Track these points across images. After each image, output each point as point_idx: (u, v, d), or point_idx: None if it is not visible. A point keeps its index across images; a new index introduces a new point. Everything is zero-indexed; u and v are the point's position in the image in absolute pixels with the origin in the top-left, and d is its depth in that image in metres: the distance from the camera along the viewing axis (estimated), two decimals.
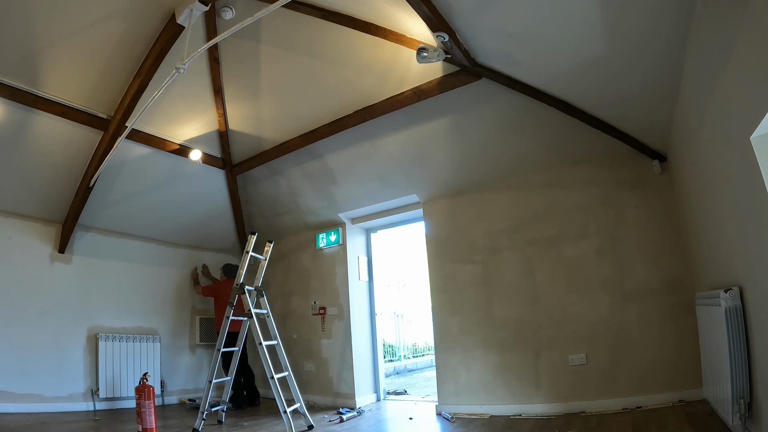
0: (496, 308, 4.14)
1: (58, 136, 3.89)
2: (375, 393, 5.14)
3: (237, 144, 4.85)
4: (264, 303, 4.17)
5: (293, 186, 5.18)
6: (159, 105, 3.96)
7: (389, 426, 3.98)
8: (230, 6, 3.41)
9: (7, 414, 3.88)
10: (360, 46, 3.45)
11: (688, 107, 2.76)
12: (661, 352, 3.44)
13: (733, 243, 2.34)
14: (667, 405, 3.31)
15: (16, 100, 3.45)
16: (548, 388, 3.77)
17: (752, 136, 1.79)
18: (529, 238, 4.07)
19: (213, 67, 4.01)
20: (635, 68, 2.85)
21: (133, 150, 4.31)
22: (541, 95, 3.30)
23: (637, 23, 2.51)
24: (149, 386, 3.50)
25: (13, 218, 4.37)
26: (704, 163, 2.62)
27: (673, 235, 3.57)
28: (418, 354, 10.08)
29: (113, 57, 3.52)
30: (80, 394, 4.46)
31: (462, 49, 2.96)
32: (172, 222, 5.38)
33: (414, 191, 4.70)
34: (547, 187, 4.06)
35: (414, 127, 4.06)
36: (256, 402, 5.11)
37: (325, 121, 4.23)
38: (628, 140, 3.59)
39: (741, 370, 2.24)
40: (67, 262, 4.68)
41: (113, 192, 4.61)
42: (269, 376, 3.62)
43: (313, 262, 5.54)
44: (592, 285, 3.76)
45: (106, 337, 4.70)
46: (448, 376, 4.26)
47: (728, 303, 2.28)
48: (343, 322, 5.11)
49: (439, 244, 4.58)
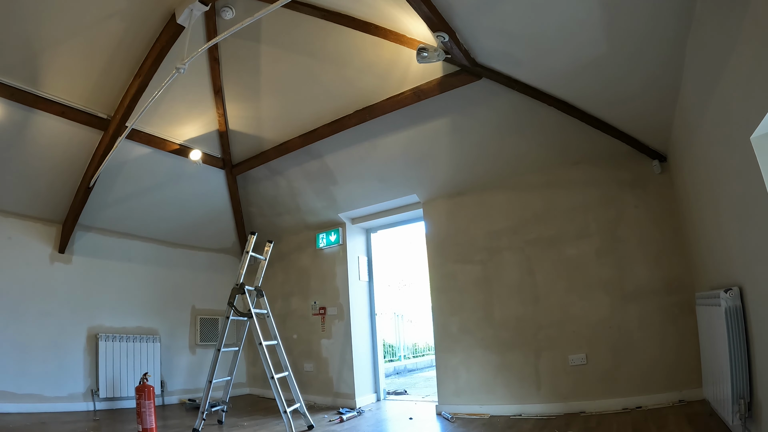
0: (496, 308, 4.14)
1: (58, 136, 3.89)
2: (375, 393, 5.14)
3: (237, 144, 4.86)
4: (264, 303, 4.17)
5: (293, 186, 5.18)
6: (159, 105, 3.96)
7: (389, 426, 3.98)
8: (230, 6, 3.41)
9: (7, 414, 3.88)
10: (360, 46, 3.45)
11: (688, 107, 2.76)
12: (661, 352, 3.44)
13: (733, 243, 2.34)
14: (667, 405, 3.31)
15: (16, 100, 3.45)
16: (548, 388, 3.77)
17: (752, 136, 1.79)
18: (529, 238, 4.07)
19: (213, 67, 4.01)
20: (635, 68, 2.85)
21: (133, 150, 4.31)
22: (541, 95, 3.30)
23: (637, 23, 2.51)
24: (149, 386, 3.50)
25: (13, 218, 4.37)
26: (704, 163, 2.62)
27: (673, 235, 3.57)
28: (418, 354, 10.07)
29: (113, 57, 3.52)
30: (80, 394, 4.46)
31: (462, 49, 2.96)
32: (172, 222, 5.38)
33: (414, 191, 4.70)
34: (547, 187, 4.06)
35: (414, 127, 4.06)
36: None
37: (325, 121, 4.23)
38: (628, 140, 3.59)
39: (741, 370, 2.24)
40: (67, 262, 4.69)
41: (113, 192, 4.61)
42: (269, 376, 3.62)
43: (313, 262, 5.54)
44: (592, 285, 3.76)
45: (106, 337, 4.70)
46: (448, 376, 4.26)
47: (728, 303, 2.28)
48: (343, 322, 5.11)
49: (439, 244, 4.58)
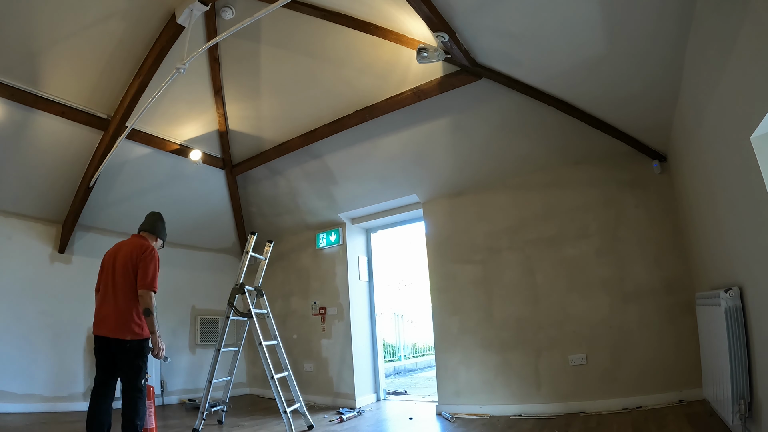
0: (496, 308, 4.14)
1: (58, 136, 3.89)
2: (375, 393, 5.14)
3: (237, 144, 4.85)
4: (264, 303, 4.17)
5: (293, 186, 5.18)
6: (159, 105, 3.96)
7: (389, 426, 3.98)
8: (230, 6, 3.41)
9: (7, 414, 3.88)
10: (360, 46, 3.45)
11: (688, 107, 2.76)
12: (661, 352, 3.44)
13: (733, 243, 2.34)
14: (667, 405, 3.31)
15: (16, 100, 3.45)
16: (548, 388, 3.77)
17: (752, 136, 1.79)
18: (530, 238, 4.07)
19: (213, 67, 4.01)
20: (635, 69, 2.85)
21: (133, 150, 4.31)
22: (542, 95, 3.31)
23: (638, 24, 2.51)
24: (149, 386, 3.49)
25: (13, 218, 4.37)
26: (704, 163, 2.62)
27: (673, 235, 3.57)
28: (418, 354, 10.08)
29: (113, 57, 3.52)
30: (80, 394, 4.46)
31: (462, 49, 2.96)
32: (172, 222, 5.30)
33: (414, 191, 4.71)
34: (548, 187, 4.06)
35: (414, 127, 4.06)
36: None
37: (325, 121, 4.23)
38: (628, 140, 3.59)
39: (741, 370, 2.24)
40: (67, 262, 4.69)
41: (113, 192, 4.61)
42: (269, 376, 3.62)
43: (313, 262, 5.54)
44: (593, 285, 3.76)
45: None
46: (448, 376, 4.26)
47: (728, 303, 2.28)
48: (343, 322, 5.11)
49: (439, 244, 4.58)
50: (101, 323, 2.70)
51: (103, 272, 2.92)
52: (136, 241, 2.96)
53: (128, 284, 2.73)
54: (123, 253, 2.86)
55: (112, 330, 2.63)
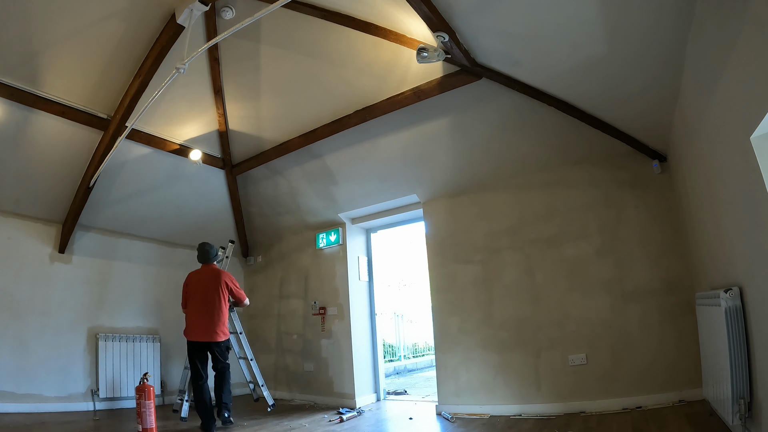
0: (496, 308, 4.14)
1: (58, 136, 3.89)
2: (375, 393, 5.14)
3: (237, 144, 4.86)
4: None
5: (293, 186, 5.18)
6: (159, 105, 3.96)
7: (389, 426, 3.98)
8: (230, 6, 3.41)
9: (7, 414, 3.88)
10: (360, 46, 3.45)
11: (688, 107, 2.76)
12: (661, 352, 3.44)
13: (733, 243, 2.34)
14: (667, 405, 3.30)
15: (16, 100, 3.45)
16: (548, 388, 3.77)
17: (752, 136, 1.79)
18: (530, 238, 4.07)
19: (213, 67, 4.01)
20: (635, 68, 2.85)
21: (133, 150, 4.31)
22: (541, 95, 3.30)
23: (638, 23, 2.50)
24: (149, 386, 3.50)
25: (13, 218, 4.37)
26: (704, 163, 2.62)
27: (673, 235, 3.57)
28: (418, 354, 10.07)
29: (113, 57, 3.53)
30: (80, 394, 4.46)
31: (462, 49, 2.96)
32: (172, 222, 5.38)
33: (414, 191, 4.70)
34: (548, 187, 4.06)
35: (414, 127, 4.05)
36: None
37: (325, 121, 4.23)
38: (629, 140, 3.59)
39: (741, 370, 2.24)
40: (67, 262, 4.69)
41: (113, 192, 4.61)
42: (239, 357, 4.60)
43: (313, 262, 5.54)
44: (593, 285, 3.76)
45: (106, 337, 4.70)
46: (448, 376, 4.26)
47: (728, 303, 2.28)
48: (343, 322, 5.11)
49: (439, 244, 4.58)
50: (198, 331, 3.84)
51: (191, 293, 3.99)
52: (210, 270, 4.08)
53: (218, 302, 3.89)
54: (204, 280, 4.00)
55: (210, 336, 3.81)
